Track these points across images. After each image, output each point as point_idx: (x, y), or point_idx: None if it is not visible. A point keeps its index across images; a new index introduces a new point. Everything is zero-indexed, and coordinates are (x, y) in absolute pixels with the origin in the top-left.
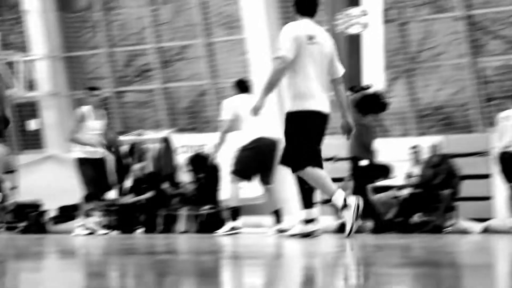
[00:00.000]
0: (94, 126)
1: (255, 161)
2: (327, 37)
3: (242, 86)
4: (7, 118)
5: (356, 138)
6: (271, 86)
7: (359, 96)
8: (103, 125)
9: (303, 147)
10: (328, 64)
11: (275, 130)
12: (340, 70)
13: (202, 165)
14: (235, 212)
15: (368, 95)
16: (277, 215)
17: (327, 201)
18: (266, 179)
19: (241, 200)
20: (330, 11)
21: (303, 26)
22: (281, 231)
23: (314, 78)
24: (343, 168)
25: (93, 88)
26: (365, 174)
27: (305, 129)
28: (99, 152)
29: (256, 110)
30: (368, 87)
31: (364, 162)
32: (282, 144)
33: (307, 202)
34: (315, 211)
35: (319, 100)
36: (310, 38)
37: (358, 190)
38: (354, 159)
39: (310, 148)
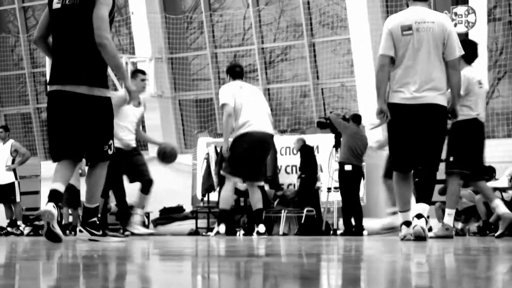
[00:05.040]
0: (129, 112)
1: (246, 157)
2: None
3: (235, 72)
4: None
5: (343, 145)
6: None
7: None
8: (141, 113)
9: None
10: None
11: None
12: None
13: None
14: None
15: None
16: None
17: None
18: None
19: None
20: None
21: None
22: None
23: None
24: None
25: (138, 71)
26: (350, 178)
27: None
28: (130, 144)
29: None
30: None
31: (348, 167)
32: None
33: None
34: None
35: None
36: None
37: (347, 192)
38: (340, 164)
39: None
